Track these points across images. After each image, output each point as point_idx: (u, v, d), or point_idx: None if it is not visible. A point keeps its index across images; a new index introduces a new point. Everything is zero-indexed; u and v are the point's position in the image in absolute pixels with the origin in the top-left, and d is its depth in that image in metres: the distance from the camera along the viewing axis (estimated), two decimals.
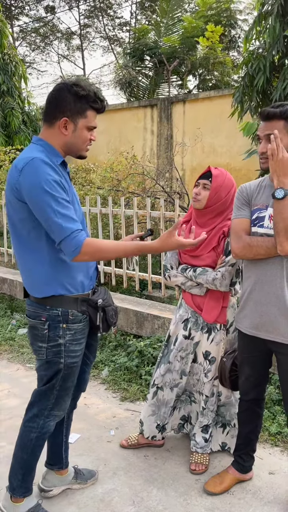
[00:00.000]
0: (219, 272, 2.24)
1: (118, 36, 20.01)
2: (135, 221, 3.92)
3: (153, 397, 2.48)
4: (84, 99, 1.70)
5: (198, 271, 2.28)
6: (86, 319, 1.88)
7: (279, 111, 1.82)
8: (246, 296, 2.03)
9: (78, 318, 1.84)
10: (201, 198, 2.25)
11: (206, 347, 2.36)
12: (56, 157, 1.75)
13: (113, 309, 1.93)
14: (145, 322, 3.72)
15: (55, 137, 1.76)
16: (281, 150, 1.76)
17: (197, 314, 2.34)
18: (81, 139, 1.75)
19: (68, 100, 1.70)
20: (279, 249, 1.82)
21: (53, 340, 1.82)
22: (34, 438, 1.92)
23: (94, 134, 1.80)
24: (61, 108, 1.71)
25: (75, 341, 1.85)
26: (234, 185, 2.28)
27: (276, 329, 1.93)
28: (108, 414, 2.96)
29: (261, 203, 1.98)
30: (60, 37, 22.03)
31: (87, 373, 2.12)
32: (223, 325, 2.35)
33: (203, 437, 2.44)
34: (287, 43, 5.16)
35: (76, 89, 1.69)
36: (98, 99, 1.72)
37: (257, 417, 2.24)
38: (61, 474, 2.20)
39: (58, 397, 1.90)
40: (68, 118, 1.71)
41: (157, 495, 2.21)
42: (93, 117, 1.75)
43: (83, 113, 1.71)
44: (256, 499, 2.19)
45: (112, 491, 2.24)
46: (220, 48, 9.93)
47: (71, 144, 1.76)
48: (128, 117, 9.58)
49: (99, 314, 1.87)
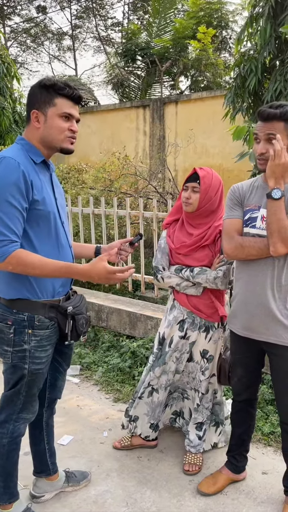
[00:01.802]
0: (220, 270, 2.24)
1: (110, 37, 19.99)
2: (128, 222, 3.91)
3: (148, 396, 2.48)
4: (51, 88, 1.68)
5: (195, 270, 2.27)
6: (54, 326, 1.81)
7: (279, 112, 1.80)
8: (238, 297, 2.03)
9: (45, 325, 1.78)
10: (192, 202, 2.24)
11: (203, 346, 2.36)
12: (36, 156, 1.73)
13: (84, 317, 1.87)
14: (138, 322, 3.72)
15: (32, 133, 1.74)
16: (284, 153, 1.76)
17: (194, 315, 2.34)
18: (54, 128, 1.70)
19: (36, 93, 1.70)
20: (271, 250, 1.82)
21: (18, 345, 1.77)
22: (6, 443, 1.87)
23: (74, 125, 1.74)
24: (31, 103, 1.72)
25: (40, 348, 1.79)
26: (221, 182, 2.29)
27: (268, 330, 1.93)
28: (101, 415, 2.95)
29: (253, 204, 1.98)
30: (51, 37, 21.95)
31: (61, 380, 2.07)
32: (220, 323, 2.35)
33: (197, 434, 2.45)
34: (278, 44, 5.19)
35: (43, 81, 1.69)
36: (66, 86, 1.69)
37: (250, 417, 2.24)
38: (51, 480, 2.18)
39: (25, 402, 1.86)
40: (37, 109, 1.70)
41: (150, 496, 2.21)
42: (64, 105, 1.69)
43: (50, 102, 1.68)
44: (250, 499, 2.19)
45: (105, 492, 2.23)
46: (211, 49, 9.94)
47: (46, 135, 1.72)
48: (121, 117, 9.57)
49: (68, 321, 1.81)
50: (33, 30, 21.43)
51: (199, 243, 2.27)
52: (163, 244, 2.39)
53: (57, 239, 1.79)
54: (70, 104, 1.71)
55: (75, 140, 1.78)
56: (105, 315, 3.98)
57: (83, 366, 3.61)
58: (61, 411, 2.96)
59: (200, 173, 2.24)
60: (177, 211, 2.41)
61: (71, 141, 1.75)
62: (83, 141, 9.86)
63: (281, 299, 1.92)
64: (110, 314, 3.94)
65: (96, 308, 4.03)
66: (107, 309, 3.95)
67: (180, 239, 2.33)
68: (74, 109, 1.73)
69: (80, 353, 3.76)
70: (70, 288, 1.93)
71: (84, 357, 3.71)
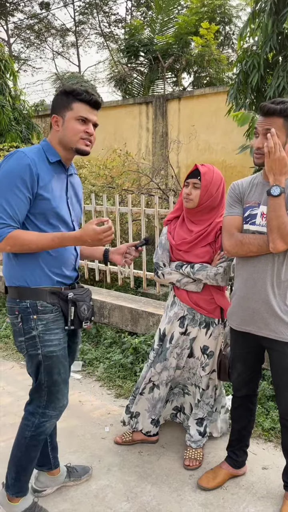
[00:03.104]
0: (221, 267, 2.25)
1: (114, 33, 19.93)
2: (130, 219, 3.92)
3: (149, 392, 2.49)
4: (70, 94, 1.80)
5: (196, 267, 2.28)
6: (58, 311, 1.89)
7: (280, 108, 1.81)
8: (238, 293, 2.04)
9: (49, 309, 1.85)
10: (193, 198, 2.25)
11: (204, 342, 2.38)
12: (52, 156, 1.84)
13: (86, 305, 1.94)
14: (140, 319, 3.74)
15: (53, 136, 1.86)
16: (278, 148, 1.76)
17: (194, 311, 2.35)
18: (70, 130, 1.80)
19: (57, 100, 1.83)
20: (271, 246, 1.83)
21: (28, 333, 1.85)
22: (29, 436, 1.93)
23: (90, 128, 1.83)
24: (53, 109, 1.85)
25: (49, 331, 1.86)
26: (222, 179, 2.30)
27: (267, 325, 1.94)
28: (102, 411, 2.97)
29: (253, 201, 1.99)
30: (55, 33, 21.92)
31: None
32: (220, 319, 2.36)
33: (198, 430, 2.46)
34: (280, 40, 5.17)
35: (64, 88, 1.81)
36: (84, 92, 1.79)
37: (250, 413, 2.26)
38: (53, 475, 2.20)
39: (49, 393, 1.91)
40: (56, 114, 1.82)
41: (151, 490, 2.23)
42: (82, 109, 1.80)
43: (68, 106, 1.79)
44: (249, 494, 2.21)
45: (106, 487, 2.25)
46: (214, 45, 9.90)
47: (63, 136, 1.82)
48: (123, 114, 9.57)
49: (69, 308, 1.88)
50: (37, 26, 21.41)
51: (200, 239, 2.28)
52: (164, 240, 2.40)
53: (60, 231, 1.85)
54: (87, 108, 1.81)
55: (91, 143, 1.87)
56: (107, 311, 4.00)
57: (85, 362, 3.63)
58: None
59: (201, 169, 2.25)
60: (179, 208, 2.42)
61: (86, 143, 1.84)
62: None
63: (281, 295, 1.93)
64: (112, 311, 3.96)
65: (98, 304, 4.05)
66: (109, 306, 3.97)
67: (181, 236, 2.34)
68: (91, 113, 1.82)
69: (83, 349, 3.78)
70: (77, 282, 2.01)
71: (86, 353, 3.73)
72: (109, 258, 2.09)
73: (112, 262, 2.11)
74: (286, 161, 1.77)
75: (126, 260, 2.05)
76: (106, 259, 2.09)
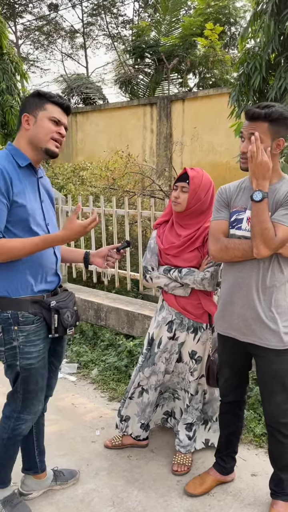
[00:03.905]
0: (208, 272, 2.24)
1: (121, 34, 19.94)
2: (126, 221, 3.92)
3: (138, 396, 2.49)
4: (43, 96, 1.81)
5: (184, 271, 2.27)
6: (40, 321, 1.87)
7: (264, 113, 1.79)
8: (224, 298, 2.02)
9: (30, 320, 1.83)
10: (181, 201, 2.24)
11: (192, 347, 2.36)
12: (21, 160, 1.81)
13: (70, 311, 1.92)
14: (136, 321, 3.73)
15: (21, 136, 1.83)
16: (261, 152, 1.75)
17: (182, 315, 2.34)
18: (42, 129, 1.79)
19: (28, 100, 1.83)
20: (255, 252, 1.81)
21: (8, 343, 1.83)
22: (6, 438, 1.95)
23: (63, 130, 1.83)
24: (23, 109, 1.84)
25: (29, 343, 1.84)
26: (212, 184, 2.28)
27: (252, 332, 1.92)
28: (95, 414, 2.97)
29: (240, 205, 1.97)
30: (64, 35, 22.00)
31: (52, 378, 2.11)
32: (208, 324, 2.35)
33: (187, 435, 2.45)
34: (282, 41, 5.13)
35: (36, 91, 1.82)
36: (57, 96, 1.82)
37: (238, 419, 2.23)
38: (39, 478, 2.20)
39: (24, 400, 1.91)
40: (28, 113, 1.81)
41: (137, 496, 2.22)
42: (55, 111, 1.81)
43: (42, 106, 1.80)
44: (236, 501, 2.19)
45: (93, 491, 2.24)
46: (219, 46, 9.87)
47: (33, 135, 1.80)
48: (128, 115, 9.57)
49: (52, 316, 1.86)
50: (46, 28, 21.50)
51: (188, 244, 2.27)
52: (153, 244, 2.39)
53: None
54: (60, 111, 1.83)
55: (61, 146, 1.86)
56: (104, 313, 4.00)
57: (81, 364, 3.63)
58: (55, 409, 2.98)
59: (190, 173, 2.24)
60: (169, 212, 2.41)
61: (57, 144, 1.84)
62: (91, 140, 9.88)
63: (266, 301, 1.91)
64: (109, 313, 3.96)
65: (95, 306, 4.05)
66: (106, 308, 3.97)
67: (169, 240, 2.33)
68: (63, 116, 1.85)
69: (79, 351, 3.79)
70: (60, 286, 1.99)
71: (82, 355, 3.74)
72: (90, 261, 2.07)
73: (92, 265, 2.09)
74: (269, 165, 1.75)
75: (108, 263, 2.03)
76: (87, 262, 2.07)
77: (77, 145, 10.24)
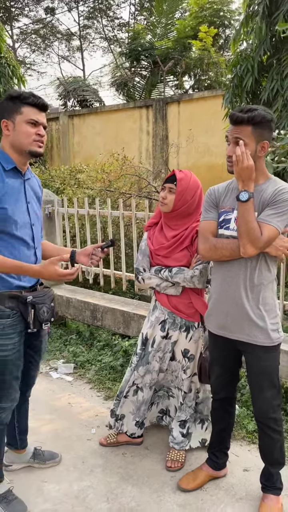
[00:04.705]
0: (197, 269, 2.29)
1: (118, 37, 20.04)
2: (121, 222, 3.97)
3: (133, 395, 2.53)
4: (17, 99, 1.85)
5: (174, 270, 2.32)
6: (16, 315, 1.95)
7: (247, 117, 1.84)
8: (213, 296, 2.07)
9: (6, 314, 1.92)
10: (168, 202, 2.29)
11: (184, 345, 2.41)
12: (6, 163, 1.89)
13: (46, 307, 2.00)
14: (131, 321, 3.77)
15: (4, 142, 1.91)
16: (246, 157, 1.80)
17: (175, 315, 2.39)
18: (22, 133, 1.86)
19: (4, 105, 1.88)
20: (242, 251, 1.86)
21: None
22: None
23: (41, 130, 1.89)
24: (1, 115, 1.89)
25: (4, 336, 1.93)
26: (199, 187, 2.33)
27: (241, 329, 1.97)
28: (91, 413, 3.01)
29: (228, 206, 2.02)
30: (60, 38, 22.08)
31: (33, 370, 2.22)
32: (200, 323, 2.39)
33: (180, 432, 2.49)
34: (274, 43, 5.19)
35: (9, 94, 1.87)
36: (31, 95, 1.86)
37: (229, 415, 2.28)
38: (19, 453, 2.40)
39: (0, 389, 2.00)
40: (6, 119, 1.87)
41: (131, 491, 2.26)
42: (30, 112, 1.86)
43: (18, 110, 1.85)
44: (228, 496, 2.23)
45: (88, 488, 2.29)
46: (213, 49, 9.94)
47: (15, 140, 1.87)
48: (124, 118, 9.63)
49: (29, 310, 1.95)
50: (42, 31, 21.58)
51: (177, 244, 2.31)
52: (144, 246, 2.44)
53: (19, 241, 1.93)
54: (36, 111, 1.88)
55: (43, 144, 1.93)
56: (100, 314, 4.04)
57: (77, 364, 3.68)
58: (51, 408, 3.03)
59: (178, 175, 2.29)
60: (158, 213, 2.46)
61: (39, 144, 1.91)
62: (88, 142, 9.93)
63: (254, 299, 1.95)
64: (105, 314, 4.00)
65: (92, 307, 4.10)
66: (102, 309, 4.01)
67: (159, 241, 2.38)
68: (40, 115, 1.89)
69: (75, 351, 3.83)
70: (41, 283, 2.10)
71: (78, 355, 3.78)
72: (76, 260, 2.12)
73: (78, 263, 2.15)
74: (253, 168, 1.80)
75: (92, 261, 2.09)
76: (73, 260, 2.13)
77: (74, 148, 10.30)
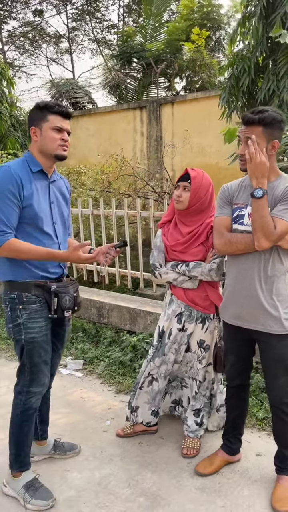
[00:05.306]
0: (214, 263, 2.39)
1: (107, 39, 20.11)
2: (126, 222, 4.06)
3: (148, 385, 2.62)
4: (44, 108, 2.07)
5: (191, 265, 2.42)
6: (42, 301, 2.13)
7: (258, 118, 1.95)
8: (228, 288, 2.18)
9: (33, 300, 2.11)
10: (183, 200, 2.40)
11: (200, 336, 2.51)
12: (34, 166, 2.10)
13: (68, 296, 2.16)
14: (138, 318, 3.87)
15: (33, 147, 2.13)
16: (259, 154, 1.91)
17: (191, 308, 2.49)
18: (48, 139, 2.07)
19: (33, 114, 2.11)
20: (256, 244, 1.97)
21: (14, 320, 2.12)
22: (19, 413, 2.18)
23: (65, 135, 2.09)
24: (30, 122, 2.12)
25: (32, 320, 2.11)
26: (211, 184, 2.44)
27: (255, 319, 2.08)
28: (104, 406, 3.10)
29: (241, 202, 2.13)
30: (49, 40, 22.08)
31: (55, 357, 2.37)
32: (215, 314, 2.50)
33: (195, 420, 2.60)
34: (270, 44, 5.32)
35: (38, 104, 2.09)
36: (56, 105, 2.08)
37: (243, 402, 2.39)
38: (40, 445, 2.50)
39: (31, 373, 2.16)
40: (34, 126, 2.09)
41: (151, 477, 2.36)
42: (56, 120, 2.07)
43: (44, 118, 2.07)
44: (244, 478, 2.34)
45: (109, 475, 2.38)
46: (205, 51, 10.08)
47: (42, 145, 2.09)
48: (118, 119, 9.70)
49: (53, 298, 2.12)
50: (31, 33, 21.54)
51: (193, 239, 2.42)
52: (159, 242, 2.54)
53: (45, 235, 2.11)
54: (60, 119, 2.09)
55: (67, 148, 2.13)
56: (106, 311, 4.13)
57: (86, 361, 3.76)
58: (65, 403, 3.11)
59: (192, 173, 2.39)
60: (172, 211, 2.57)
61: (64, 148, 2.11)
62: (82, 144, 9.99)
63: (268, 290, 2.06)
64: (111, 311, 4.09)
65: (98, 305, 4.18)
66: (108, 306, 4.10)
67: (175, 237, 2.48)
68: (64, 122, 2.10)
69: (83, 348, 3.91)
70: (67, 275, 2.28)
71: (86, 352, 3.86)
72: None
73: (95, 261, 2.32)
74: (266, 165, 1.91)
75: (106, 259, 2.24)
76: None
77: (69, 150, 10.34)
